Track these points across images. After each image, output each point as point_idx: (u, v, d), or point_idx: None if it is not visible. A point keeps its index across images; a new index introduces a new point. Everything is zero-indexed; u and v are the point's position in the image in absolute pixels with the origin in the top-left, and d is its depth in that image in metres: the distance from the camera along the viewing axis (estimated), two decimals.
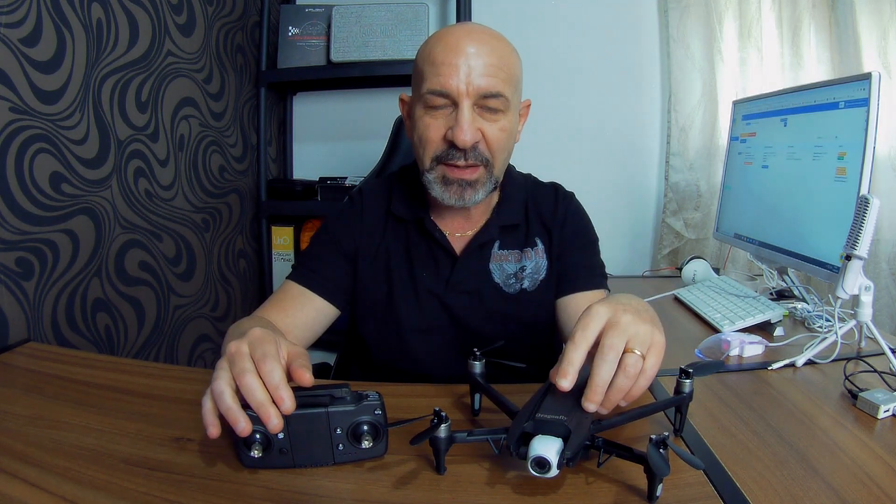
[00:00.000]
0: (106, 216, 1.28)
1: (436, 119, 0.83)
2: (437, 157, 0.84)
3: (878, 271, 1.70)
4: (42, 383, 0.81)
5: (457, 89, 0.80)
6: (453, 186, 0.85)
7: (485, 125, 0.83)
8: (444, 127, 0.82)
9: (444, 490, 0.56)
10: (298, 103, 2.12)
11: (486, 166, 0.85)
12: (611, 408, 0.58)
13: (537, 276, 0.95)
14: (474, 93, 0.80)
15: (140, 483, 0.57)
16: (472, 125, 0.81)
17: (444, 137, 0.83)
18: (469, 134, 0.80)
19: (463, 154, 0.82)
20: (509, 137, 0.86)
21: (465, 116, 0.80)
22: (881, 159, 1.64)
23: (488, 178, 0.86)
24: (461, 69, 0.79)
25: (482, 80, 0.80)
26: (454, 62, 0.80)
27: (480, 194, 0.86)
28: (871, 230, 0.85)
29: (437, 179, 0.85)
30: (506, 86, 0.82)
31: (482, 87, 0.80)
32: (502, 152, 0.86)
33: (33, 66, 1.08)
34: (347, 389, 0.59)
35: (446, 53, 0.81)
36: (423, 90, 0.82)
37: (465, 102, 0.80)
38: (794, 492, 0.56)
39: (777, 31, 1.80)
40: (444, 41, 0.83)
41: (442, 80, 0.80)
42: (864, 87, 0.99)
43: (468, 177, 0.84)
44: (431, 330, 0.94)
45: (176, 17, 1.49)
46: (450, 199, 0.86)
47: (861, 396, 0.74)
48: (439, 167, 0.85)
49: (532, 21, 1.93)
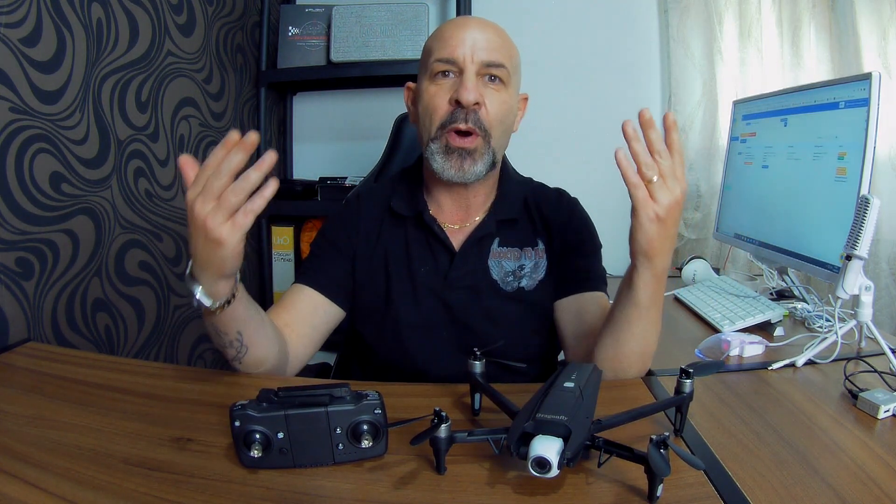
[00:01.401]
0: (106, 216, 1.28)
1: (441, 87, 0.88)
2: (442, 124, 0.88)
3: (878, 271, 1.70)
4: (42, 383, 0.81)
5: (462, 57, 0.87)
6: (453, 156, 0.88)
7: (486, 93, 0.88)
8: (449, 92, 0.88)
9: (444, 490, 0.56)
10: (298, 103, 2.12)
11: (485, 137, 0.88)
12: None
13: (536, 275, 0.95)
14: (478, 61, 0.87)
15: (140, 483, 0.57)
16: (476, 87, 0.87)
17: (450, 101, 0.88)
18: (472, 93, 0.86)
19: (465, 116, 0.87)
20: (508, 112, 0.91)
21: (470, 78, 0.87)
22: (881, 159, 1.64)
23: (486, 150, 0.89)
24: (467, 42, 0.87)
25: (485, 53, 0.87)
26: (461, 36, 0.88)
27: (479, 166, 0.89)
28: (871, 230, 0.85)
29: (440, 150, 0.89)
30: (507, 61, 0.89)
31: (485, 59, 0.87)
32: (500, 124, 0.90)
33: (33, 66, 1.08)
34: (347, 389, 0.59)
35: (453, 30, 0.89)
36: (432, 60, 0.89)
37: (470, 68, 0.87)
38: (794, 492, 0.56)
39: (777, 31, 1.80)
40: (452, 22, 0.92)
41: (449, 49, 0.87)
42: (865, 87, 0.99)
43: (468, 145, 0.88)
44: (429, 326, 0.94)
45: (176, 17, 1.49)
46: (449, 171, 0.89)
47: (861, 396, 0.74)
48: (443, 136, 0.88)
49: (532, 21, 1.93)
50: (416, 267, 0.95)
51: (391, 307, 0.95)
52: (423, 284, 0.94)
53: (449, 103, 0.88)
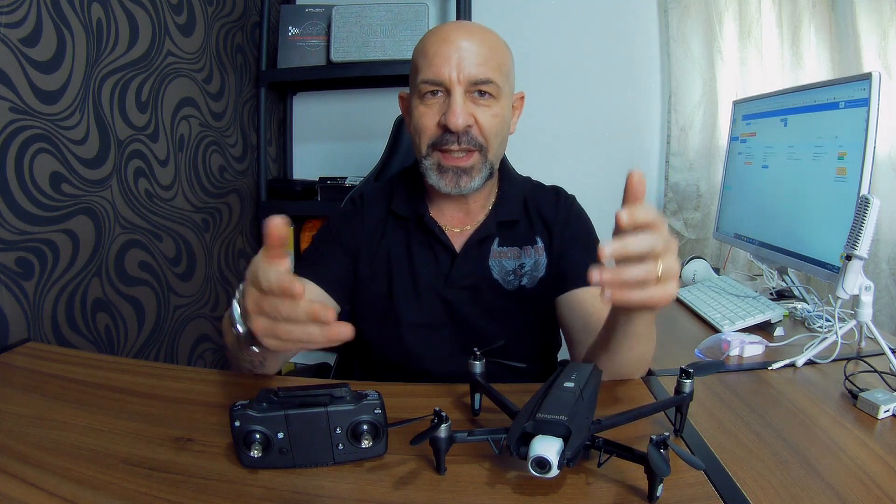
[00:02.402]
0: (106, 216, 1.28)
1: (430, 108, 0.87)
2: (433, 144, 0.87)
3: (878, 271, 1.70)
4: (42, 383, 0.81)
5: (448, 77, 0.84)
6: (448, 174, 0.88)
7: (477, 111, 0.86)
8: (437, 114, 0.86)
9: (444, 490, 0.56)
10: (298, 103, 2.12)
11: (481, 151, 0.87)
12: (616, 284, 0.57)
13: (537, 273, 0.96)
14: (465, 80, 0.84)
15: (140, 483, 0.57)
16: (464, 109, 0.84)
17: (438, 124, 0.86)
18: (461, 118, 0.84)
19: (456, 139, 0.85)
20: (502, 123, 0.89)
21: (457, 101, 0.84)
22: (881, 159, 1.64)
23: (483, 164, 0.89)
24: (452, 59, 0.84)
25: (472, 68, 0.84)
26: (446, 53, 0.84)
27: (476, 181, 0.89)
28: (871, 230, 0.85)
29: (433, 166, 0.88)
30: (496, 73, 0.86)
31: (473, 75, 0.84)
32: (496, 137, 0.89)
33: (33, 66, 1.08)
34: (347, 389, 0.59)
35: (438, 45, 0.85)
36: (418, 80, 0.86)
37: (458, 89, 0.84)
38: (794, 492, 0.56)
39: (777, 31, 1.80)
40: (435, 35, 0.88)
41: (434, 69, 0.84)
42: (865, 87, 0.99)
43: (463, 164, 0.87)
44: (431, 326, 0.94)
45: (176, 17, 1.49)
46: (446, 187, 0.88)
47: (861, 396, 0.74)
48: (435, 154, 0.88)
49: (532, 21, 1.93)
50: (417, 267, 0.95)
51: (393, 307, 0.95)
52: (424, 284, 0.94)
53: (438, 126, 0.86)
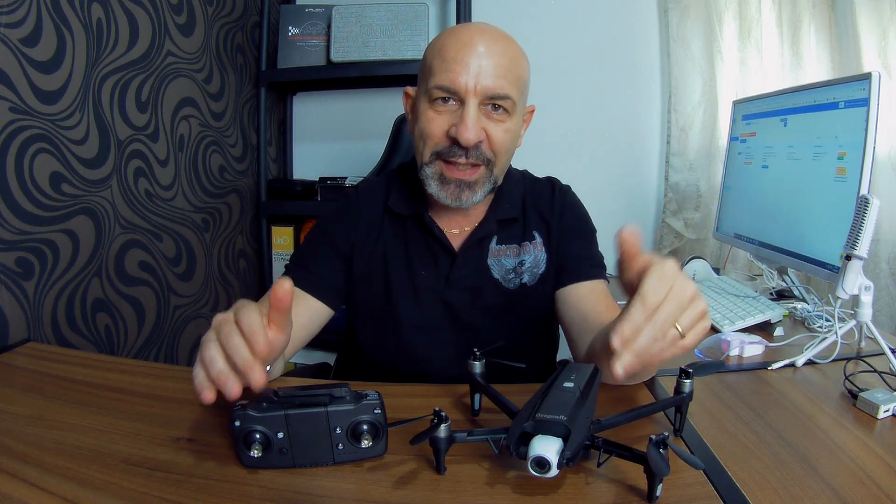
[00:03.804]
0: (106, 216, 1.28)
1: (440, 114, 0.82)
2: (438, 153, 0.84)
3: (878, 271, 1.70)
4: (42, 383, 0.81)
5: (465, 87, 0.79)
6: (450, 186, 0.85)
7: (489, 125, 0.82)
8: (447, 123, 0.82)
9: (444, 490, 0.56)
10: (298, 103, 2.12)
11: (487, 166, 0.85)
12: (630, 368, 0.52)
13: (537, 269, 0.95)
14: (482, 92, 0.80)
15: (140, 483, 0.57)
16: (477, 124, 0.80)
17: (447, 133, 0.82)
18: (473, 133, 0.80)
19: (464, 152, 0.82)
20: (513, 139, 0.87)
21: (471, 115, 0.80)
22: (881, 159, 1.64)
23: (488, 179, 0.86)
24: (471, 67, 0.79)
25: (491, 80, 0.79)
26: (464, 59, 0.79)
27: (479, 195, 0.86)
28: (871, 230, 0.85)
29: (435, 175, 0.85)
30: (513, 88, 0.82)
31: (490, 88, 0.80)
32: (505, 153, 0.86)
33: (33, 66, 1.08)
34: (347, 389, 0.59)
35: (457, 50, 0.80)
36: (431, 84, 0.82)
37: (472, 101, 0.80)
38: (793, 491, 0.56)
39: (777, 31, 1.79)
40: (455, 37, 0.82)
41: (451, 76, 0.79)
42: (864, 87, 0.99)
43: (467, 178, 0.84)
44: (431, 328, 0.94)
45: (176, 17, 1.49)
46: (446, 199, 0.86)
47: (861, 396, 0.74)
48: (438, 163, 0.84)
49: (532, 21, 1.93)
50: (416, 268, 0.94)
51: (392, 308, 0.94)
52: (424, 285, 0.94)
53: (446, 135, 0.82)
